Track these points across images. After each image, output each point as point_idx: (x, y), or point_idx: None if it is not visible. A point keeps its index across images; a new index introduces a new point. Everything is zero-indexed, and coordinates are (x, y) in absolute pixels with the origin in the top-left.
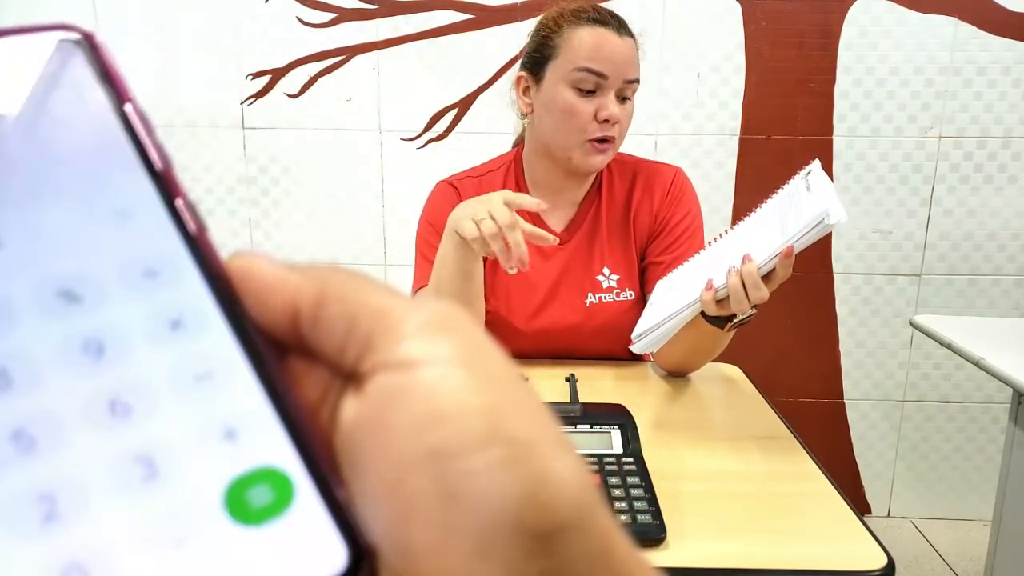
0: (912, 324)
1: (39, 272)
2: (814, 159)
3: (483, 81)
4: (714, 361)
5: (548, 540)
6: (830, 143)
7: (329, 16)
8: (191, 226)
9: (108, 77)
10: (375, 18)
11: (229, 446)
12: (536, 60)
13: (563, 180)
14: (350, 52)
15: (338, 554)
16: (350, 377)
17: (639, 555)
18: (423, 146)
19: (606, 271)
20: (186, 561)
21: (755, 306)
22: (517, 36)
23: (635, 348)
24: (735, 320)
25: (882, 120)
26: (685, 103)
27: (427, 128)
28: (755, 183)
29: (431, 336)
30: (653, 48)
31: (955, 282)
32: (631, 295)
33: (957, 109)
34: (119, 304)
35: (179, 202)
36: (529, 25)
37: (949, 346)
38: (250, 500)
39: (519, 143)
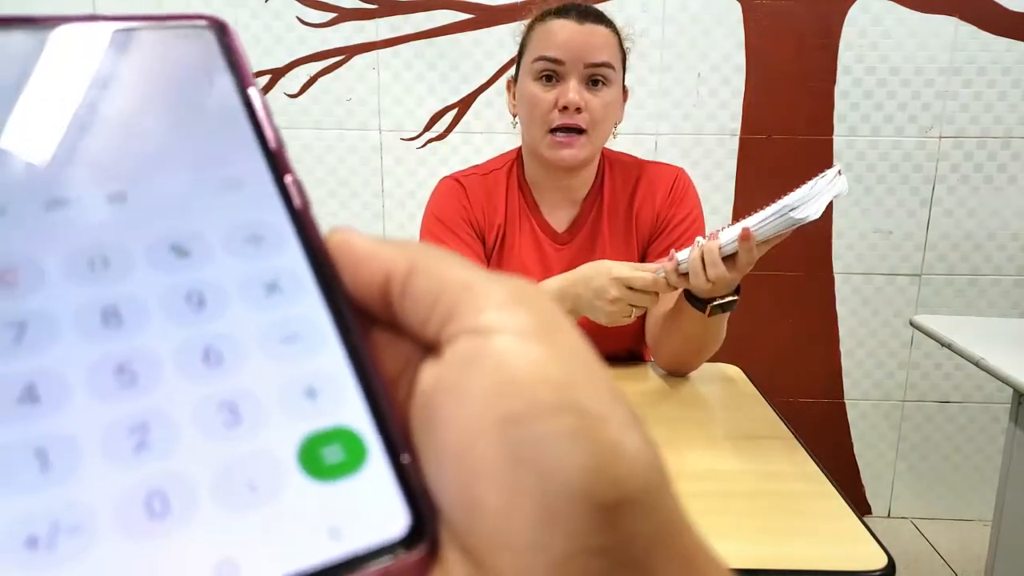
0: (912, 324)
1: (155, 226)
2: (836, 165)
3: (483, 81)
4: (713, 361)
5: (613, 513)
6: (830, 143)
7: (329, 16)
8: (297, 200)
9: (235, 63)
10: (375, 18)
11: (308, 404)
12: (516, 62)
13: (556, 178)
14: (350, 52)
15: (402, 516)
16: (431, 348)
17: (706, 545)
18: (423, 146)
19: None
20: (256, 505)
21: (737, 292)
22: (517, 36)
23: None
24: (715, 303)
25: (882, 120)
26: (685, 103)
27: (427, 128)
28: (755, 183)
29: (511, 308)
30: (653, 48)
31: (955, 282)
32: None
33: (957, 109)
34: (223, 263)
35: (288, 178)
36: (524, 24)
37: (949, 346)
38: (323, 457)
39: None
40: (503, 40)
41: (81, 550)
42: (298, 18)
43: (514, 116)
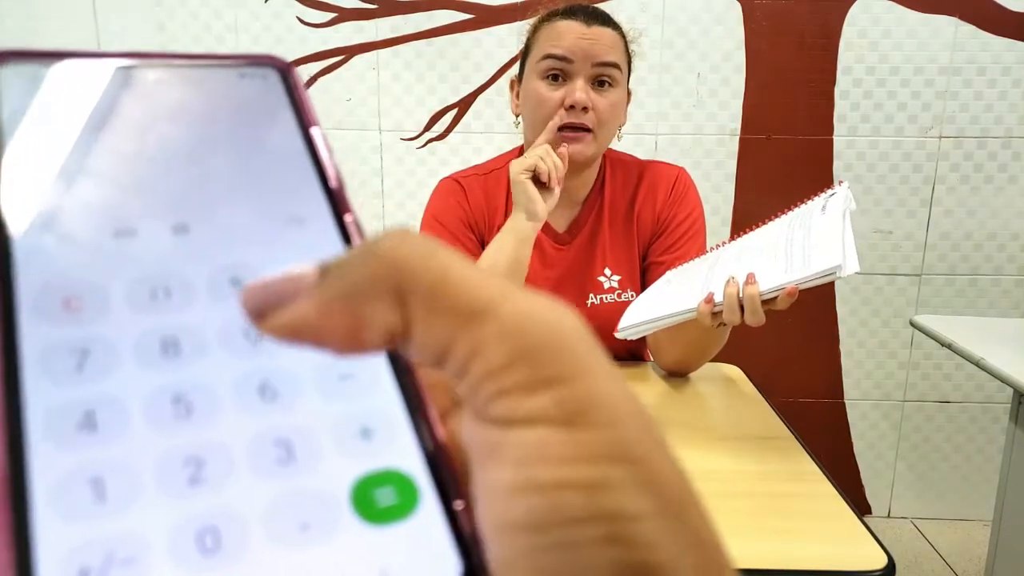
0: (912, 324)
1: (216, 259)
2: (843, 181)
3: (483, 81)
4: (714, 361)
5: None
6: (830, 143)
7: (329, 16)
8: (356, 240)
9: (298, 103)
10: (375, 17)
11: (363, 444)
12: (520, 62)
13: None
14: (350, 52)
15: (454, 564)
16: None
17: None
18: (423, 146)
19: (607, 272)
20: (307, 546)
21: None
22: (517, 36)
23: (617, 335)
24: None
25: (882, 120)
26: (685, 103)
27: (427, 128)
28: (755, 183)
29: (531, 390)
30: (653, 48)
31: (955, 282)
32: (632, 296)
33: (957, 109)
34: None
35: (348, 217)
36: (529, 25)
37: (949, 346)
38: (376, 499)
39: None
40: (503, 40)
41: None
42: (298, 18)
43: (516, 116)
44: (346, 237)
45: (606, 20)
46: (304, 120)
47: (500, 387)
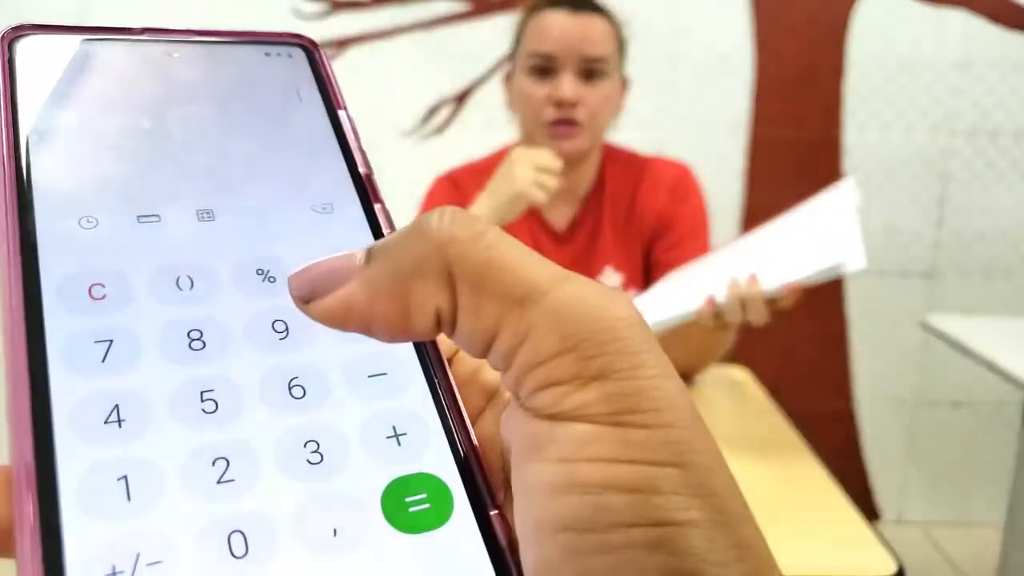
0: (924, 325)
1: (242, 249)
2: (847, 177)
3: (481, 73)
4: (721, 362)
5: None
6: (839, 138)
7: (322, 7)
8: (386, 230)
9: (325, 84)
10: (370, 9)
11: (393, 447)
12: (512, 57)
13: None
14: (344, 44)
15: (488, 573)
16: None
17: None
18: (420, 140)
19: (608, 271)
20: (338, 552)
21: None
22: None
23: None
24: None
25: (893, 115)
26: (691, 97)
27: (424, 122)
28: (763, 178)
29: (580, 383)
30: (659, 40)
31: (968, 280)
32: (635, 296)
33: (968, 104)
34: None
35: (378, 206)
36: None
37: (962, 347)
38: (408, 505)
39: None
40: (502, 31)
41: None
42: (291, 9)
43: (511, 110)
44: (375, 227)
45: (594, 7)
46: (332, 102)
47: (547, 377)
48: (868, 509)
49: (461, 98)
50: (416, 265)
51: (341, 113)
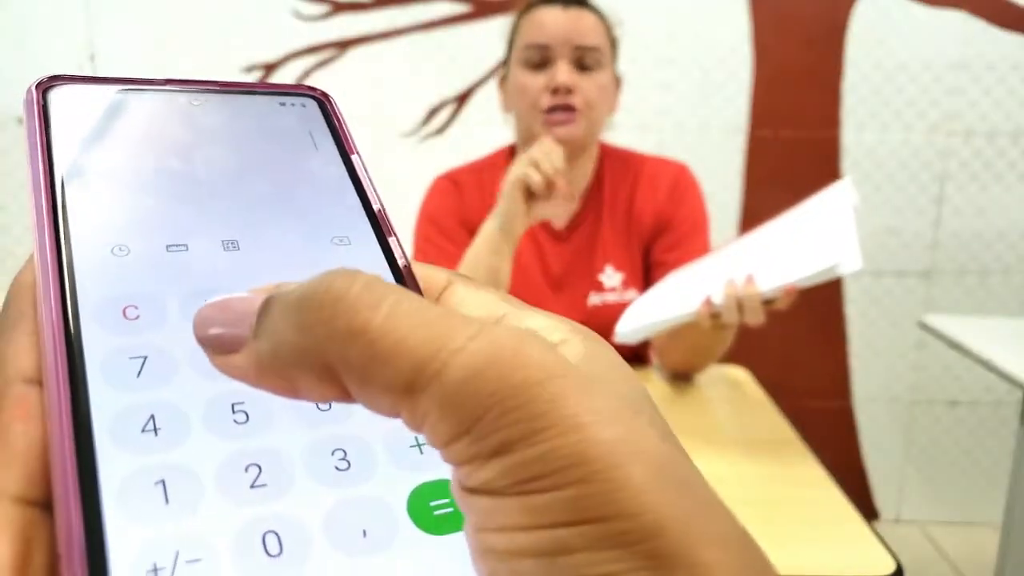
0: (922, 325)
1: (266, 275)
2: (844, 178)
3: (481, 75)
4: (720, 362)
5: None
6: (838, 139)
7: (324, 8)
8: (400, 260)
9: (337, 131)
10: (370, 10)
11: (416, 456)
12: (506, 60)
13: None
14: (345, 45)
15: None
16: None
17: None
18: (420, 141)
19: (609, 270)
20: (367, 551)
21: None
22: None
23: (616, 338)
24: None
25: (891, 116)
26: (690, 97)
27: (424, 122)
28: (762, 179)
29: (483, 463)
30: (657, 41)
31: (965, 281)
32: (635, 295)
33: (966, 105)
34: None
35: (391, 239)
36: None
37: (959, 347)
38: (432, 509)
39: None
40: (502, 33)
41: None
42: (292, 11)
43: (507, 110)
44: (390, 258)
45: (584, 4)
46: (344, 147)
47: (450, 459)
48: (866, 508)
49: (461, 99)
50: (295, 358)
51: (354, 157)
